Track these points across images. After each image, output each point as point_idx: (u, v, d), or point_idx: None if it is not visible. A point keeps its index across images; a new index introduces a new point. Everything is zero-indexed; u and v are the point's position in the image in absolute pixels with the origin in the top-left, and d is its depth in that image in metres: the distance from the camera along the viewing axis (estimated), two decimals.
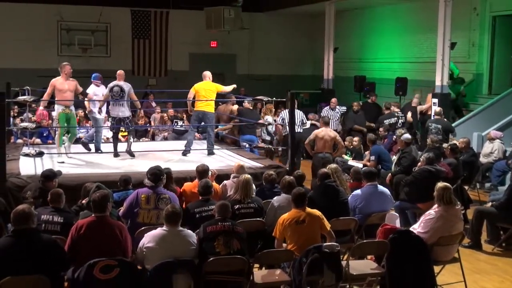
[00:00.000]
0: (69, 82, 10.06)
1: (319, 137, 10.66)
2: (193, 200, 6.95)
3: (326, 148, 10.62)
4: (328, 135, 10.71)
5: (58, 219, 5.86)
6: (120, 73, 10.56)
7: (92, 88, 10.81)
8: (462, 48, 14.75)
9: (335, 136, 10.84)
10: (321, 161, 10.40)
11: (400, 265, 5.88)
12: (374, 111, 14.95)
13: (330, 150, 10.66)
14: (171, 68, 19.98)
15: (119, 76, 10.49)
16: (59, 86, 9.92)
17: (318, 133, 10.76)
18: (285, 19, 20.83)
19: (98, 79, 10.96)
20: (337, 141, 10.78)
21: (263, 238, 6.42)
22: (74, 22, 19.01)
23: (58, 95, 9.95)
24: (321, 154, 10.56)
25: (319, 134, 10.71)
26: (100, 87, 10.84)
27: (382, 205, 7.22)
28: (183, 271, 5.15)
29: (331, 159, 10.48)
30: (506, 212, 7.95)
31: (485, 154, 11.57)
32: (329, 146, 10.66)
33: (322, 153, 10.57)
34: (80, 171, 9.14)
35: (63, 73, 10.06)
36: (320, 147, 10.63)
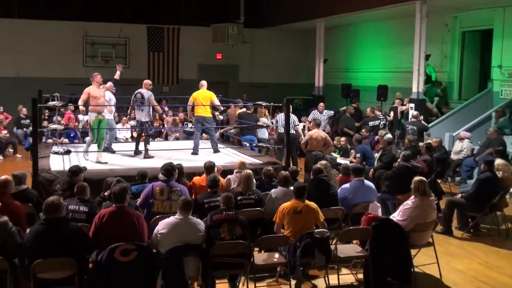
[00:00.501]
0: (100, 89, 9.98)
1: (313, 137, 10.65)
2: (201, 192, 6.96)
3: (318, 147, 10.62)
4: (320, 136, 10.70)
5: (83, 209, 5.86)
6: (144, 82, 10.47)
7: (107, 94, 10.72)
8: (435, 59, 14.72)
9: (326, 137, 10.83)
10: (313, 158, 10.39)
11: (382, 248, 5.88)
12: (357, 114, 14.99)
13: (321, 149, 10.65)
14: (182, 77, 19.94)
15: (144, 85, 10.38)
16: (93, 93, 9.80)
17: (312, 134, 10.74)
18: (282, 34, 20.79)
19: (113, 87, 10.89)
20: (327, 141, 10.77)
21: (262, 225, 6.42)
22: (97, 37, 18.98)
23: (93, 102, 9.81)
24: (314, 152, 10.55)
25: (313, 135, 10.69)
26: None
27: (367, 197, 7.20)
28: (193, 254, 5.15)
29: (322, 156, 10.49)
30: (473, 202, 7.95)
31: (456, 152, 11.58)
32: (321, 145, 10.65)
33: (315, 151, 10.56)
34: (103, 167, 9.14)
35: (95, 82, 9.95)
36: (313, 146, 10.62)
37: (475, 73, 14.93)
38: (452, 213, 8.20)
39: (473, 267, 6.81)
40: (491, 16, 13.56)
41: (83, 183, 6.29)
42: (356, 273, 6.29)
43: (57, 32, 18.33)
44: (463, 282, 6.31)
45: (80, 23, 18.51)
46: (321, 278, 6.04)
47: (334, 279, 5.86)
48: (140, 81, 10.52)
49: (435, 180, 9.29)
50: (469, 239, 7.93)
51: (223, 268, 5.42)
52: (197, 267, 5.14)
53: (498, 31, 13.29)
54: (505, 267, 6.80)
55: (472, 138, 11.70)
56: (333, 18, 16.58)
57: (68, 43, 18.58)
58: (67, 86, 16.81)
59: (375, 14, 15.27)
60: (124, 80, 12.12)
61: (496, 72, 13.44)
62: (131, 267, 4.89)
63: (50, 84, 15.14)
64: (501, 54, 13.24)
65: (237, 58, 20.74)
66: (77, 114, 14.59)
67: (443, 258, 6.77)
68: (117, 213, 5.23)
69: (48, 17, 17.95)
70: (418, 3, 12.70)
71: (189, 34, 19.68)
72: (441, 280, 6.31)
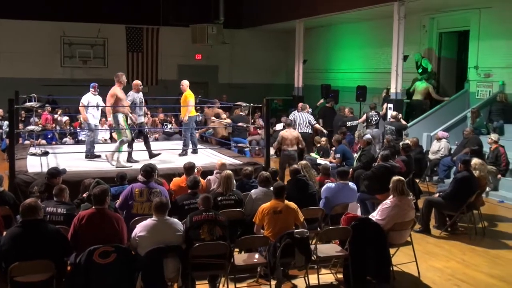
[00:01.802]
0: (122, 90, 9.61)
1: (284, 136, 10.75)
2: (180, 193, 6.93)
3: (290, 146, 10.71)
4: (292, 135, 10.80)
5: (61, 211, 5.81)
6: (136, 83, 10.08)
7: (87, 96, 10.30)
8: (413, 60, 14.87)
9: (298, 136, 10.95)
10: (286, 157, 10.59)
11: (361, 248, 5.93)
12: (332, 114, 15.11)
13: (294, 148, 10.75)
14: (162, 78, 19.85)
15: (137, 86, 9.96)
16: (120, 95, 9.42)
17: (283, 133, 10.85)
18: (262, 34, 20.82)
19: (92, 88, 10.43)
20: (299, 140, 10.88)
21: (243, 226, 6.42)
22: (75, 37, 18.77)
23: (119, 103, 9.40)
24: (286, 152, 10.65)
25: (284, 134, 10.79)
26: (95, 96, 10.36)
27: (349, 198, 7.25)
28: (172, 255, 5.13)
29: (295, 155, 10.65)
30: (451, 201, 8.05)
31: (433, 152, 11.71)
32: (293, 144, 10.75)
33: (287, 150, 10.65)
34: (82, 169, 9.05)
35: (121, 83, 9.50)
36: (286, 145, 10.71)
37: (452, 74, 15.12)
38: (430, 212, 8.29)
39: (450, 265, 6.89)
40: (467, 18, 13.76)
41: (62, 185, 6.23)
42: (335, 273, 6.32)
43: (34, 32, 18.09)
44: (441, 280, 6.39)
45: (58, 23, 18.29)
46: (301, 278, 6.06)
47: (314, 278, 5.89)
48: None
49: (413, 180, 9.38)
50: (446, 238, 8.03)
51: (203, 269, 5.40)
52: (177, 268, 5.13)
53: (474, 32, 13.49)
54: (481, 265, 6.90)
55: (449, 138, 11.85)
56: (312, 19, 16.66)
57: (45, 43, 18.36)
58: (45, 87, 16.65)
59: (353, 15, 15.38)
60: (102, 80, 12.00)
61: (472, 73, 13.63)
62: (110, 269, 4.85)
63: (27, 85, 14.96)
64: (477, 55, 13.44)
65: (217, 59, 20.72)
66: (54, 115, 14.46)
67: (421, 257, 6.84)
68: (97, 215, 5.19)
69: (24, 16, 17.69)
70: (395, 4, 12.83)
71: (168, 34, 19.59)
72: (419, 278, 6.38)
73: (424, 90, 14.26)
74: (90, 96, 10.34)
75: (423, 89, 14.26)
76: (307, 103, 16.81)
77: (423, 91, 14.28)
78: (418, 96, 14.34)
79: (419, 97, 14.32)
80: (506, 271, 6.71)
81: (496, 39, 12.87)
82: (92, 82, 10.75)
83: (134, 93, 9.88)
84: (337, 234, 6.19)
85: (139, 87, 10.02)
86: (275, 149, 10.70)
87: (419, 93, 14.33)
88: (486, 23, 13.13)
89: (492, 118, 12.32)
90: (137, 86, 9.96)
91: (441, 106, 13.70)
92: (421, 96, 14.30)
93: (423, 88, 14.26)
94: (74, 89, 17.56)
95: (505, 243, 7.82)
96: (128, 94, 9.83)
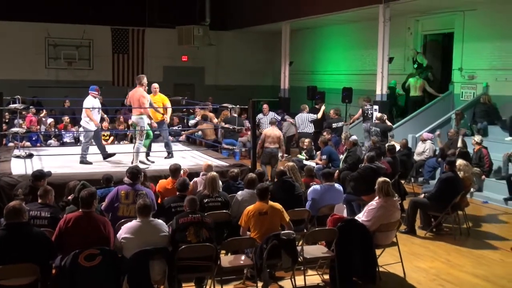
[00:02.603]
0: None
1: (266, 135, 11.03)
2: (167, 195, 6.91)
3: (272, 144, 10.93)
4: (274, 133, 11.06)
5: (45, 214, 5.74)
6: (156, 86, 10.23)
7: (91, 100, 9.83)
8: (398, 62, 14.97)
9: (280, 136, 11.21)
10: (267, 154, 10.89)
11: (347, 249, 5.95)
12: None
13: (276, 145, 10.97)
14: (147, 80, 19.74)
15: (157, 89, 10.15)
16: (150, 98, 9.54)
17: (266, 132, 11.17)
18: (248, 36, 20.85)
19: (95, 91, 9.91)
20: (280, 140, 11.16)
21: (229, 227, 6.41)
22: (60, 39, 18.66)
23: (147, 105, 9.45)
24: (268, 149, 10.88)
25: (267, 132, 11.12)
26: (96, 99, 9.95)
27: (335, 200, 7.28)
28: (158, 258, 5.12)
29: (277, 152, 10.95)
30: (436, 202, 8.11)
31: (418, 153, 11.81)
32: (275, 142, 10.97)
33: (269, 148, 10.79)
34: (67, 171, 8.97)
35: (142, 85, 9.47)
36: (268, 143, 10.94)
37: (437, 75, 15.25)
38: (415, 213, 8.34)
39: (435, 265, 6.94)
40: (452, 20, 13.89)
41: (47, 186, 6.17)
42: (322, 274, 6.34)
43: (18, 33, 17.94)
44: (426, 281, 6.43)
45: (42, 24, 18.16)
46: (288, 280, 6.07)
47: (300, 280, 5.90)
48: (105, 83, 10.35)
49: (399, 181, 9.45)
50: (431, 238, 8.08)
51: (190, 271, 5.39)
52: (163, 270, 5.11)
53: (459, 34, 13.63)
54: (466, 265, 6.96)
55: (434, 139, 11.95)
56: (298, 21, 16.72)
57: (29, 44, 18.22)
58: (29, 88, 16.50)
59: (339, 17, 15.46)
60: (87, 82, 11.92)
61: (456, 74, 13.77)
62: (96, 272, 4.82)
63: (11, 86, 14.81)
64: (461, 57, 13.58)
65: (203, 60, 20.70)
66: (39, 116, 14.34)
67: (407, 257, 6.88)
68: (84, 218, 5.14)
69: (8, 17, 17.55)
70: (381, 7, 12.92)
71: (154, 36, 19.54)
72: (405, 279, 6.42)
73: (421, 86, 14.32)
74: (92, 100, 9.85)
75: (420, 85, 14.29)
76: (293, 104, 16.98)
77: (420, 86, 14.30)
78: (417, 92, 14.35)
79: (418, 93, 14.32)
80: (490, 271, 6.77)
81: (480, 41, 13.02)
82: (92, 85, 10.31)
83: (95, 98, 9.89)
84: (323, 236, 6.20)
85: (156, 89, 10.22)
86: (259, 147, 10.81)
87: (418, 89, 14.33)
88: (470, 26, 13.28)
89: (476, 120, 12.44)
90: (154, 88, 10.17)
91: (426, 108, 13.81)
92: (419, 92, 14.32)
93: (420, 84, 14.30)
94: (59, 90, 17.50)
95: (489, 243, 7.90)
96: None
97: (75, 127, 14.91)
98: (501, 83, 12.58)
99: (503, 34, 12.46)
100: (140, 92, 9.43)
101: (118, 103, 17.61)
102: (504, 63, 12.52)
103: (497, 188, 10.35)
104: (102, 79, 18.73)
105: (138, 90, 9.47)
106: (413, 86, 14.34)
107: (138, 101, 9.40)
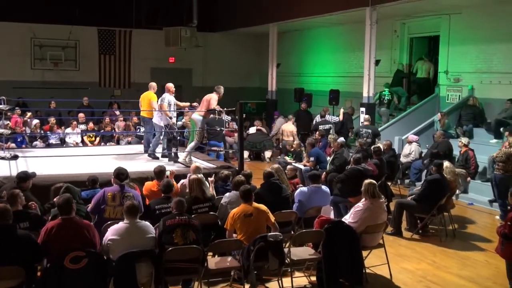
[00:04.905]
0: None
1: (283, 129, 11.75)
2: (153, 198, 6.87)
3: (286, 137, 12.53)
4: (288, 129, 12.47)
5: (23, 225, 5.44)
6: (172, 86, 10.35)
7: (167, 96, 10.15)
8: (385, 65, 15.05)
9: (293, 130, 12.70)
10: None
11: (334, 250, 5.97)
12: (307, 116, 15.37)
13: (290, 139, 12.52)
14: (134, 81, 19.67)
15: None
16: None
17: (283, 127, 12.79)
18: (235, 38, 20.85)
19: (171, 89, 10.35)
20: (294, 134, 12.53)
21: (216, 229, 6.40)
22: (46, 39, 18.50)
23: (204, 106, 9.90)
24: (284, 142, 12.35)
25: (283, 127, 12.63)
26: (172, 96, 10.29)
27: (322, 202, 7.27)
28: (145, 260, 5.09)
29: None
30: (422, 203, 8.16)
31: (405, 155, 11.88)
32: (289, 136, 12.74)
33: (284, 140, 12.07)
34: (52, 173, 8.89)
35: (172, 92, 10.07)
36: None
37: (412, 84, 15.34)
38: (401, 215, 8.39)
39: (422, 267, 6.99)
40: (438, 23, 14.00)
41: (15, 190, 5.90)
42: (309, 276, 6.35)
43: (3, 33, 17.74)
44: (412, 282, 6.47)
45: (28, 25, 17.99)
46: (275, 281, 6.07)
47: (287, 282, 5.90)
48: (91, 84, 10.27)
49: (386, 183, 9.50)
50: (418, 240, 8.14)
51: (177, 273, 5.37)
52: (150, 272, 5.09)
53: (444, 37, 13.74)
54: (452, 267, 7.01)
55: (420, 141, 12.03)
56: (285, 23, 16.75)
57: (15, 45, 18.03)
58: (14, 90, 16.33)
59: (326, 19, 15.51)
60: (74, 83, 11.84)
61: (442, 77, 13.87)
62: (81, 275, 4.79)
63: None
64: (447, 60, 13.69)
65: (190, 62, 20.66)
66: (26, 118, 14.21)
67: (393, 259, 6.92)
68: (65, 225, 5.02)
69: None
70: (367, 9, 12.98)
71: (141, 37, 19.46)
72: (391, 280, 6.46)
73: (428, 69, 14.48)
74: (169, 97, 10.19)
75: (427, 68, 14.47)
76: (280, 106, 17.06)
77: (427, 69, 14.49)
78: (423, 74, 14.54)
79: (425, 75, 14.52)
80: (476, 272, 6.83)
81: (465, 45, 13.13)
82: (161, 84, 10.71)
83: (170, 96, 10.11)
84: (310, 237, 6.22)
85: (173, 89, 10.34)
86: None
87: (425, 71, 14.53)
88: (455, 29, 13.39)
89: (462, 122, 12.53)
90: (172, 89, 10.28)
91: (412, 110, 13.90)
92: (426, 74, 14.51)
93: (428, 67, 14.47)
94: (44, 91, 17.36)
95: (475, 245, 7.97)
96: (163, 97, 10.07)
97: (61, 128, 14.82)
98: (485, 85, 12.70)
99: (487, 37, 12.58)
100: (213, 97, 9.83)
101: (104, 105, 17.56)
102: (489, 66, 12.65)
103: (482, 190, 10.45)
104: (88, 80, 18.66)
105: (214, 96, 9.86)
106: (420, 68, 14.51)
107: (208, 102, 9.77)
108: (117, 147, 13.38)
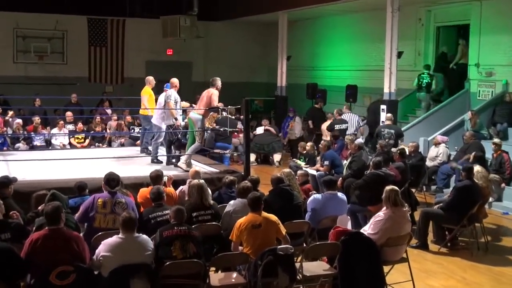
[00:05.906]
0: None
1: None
2: (147, 206, 6.87)
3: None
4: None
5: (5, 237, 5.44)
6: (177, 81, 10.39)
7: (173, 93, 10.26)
8: (408, 57, 15.00)
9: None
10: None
11: (352, 265, 5.93)
12: (321, 116, 15.35)
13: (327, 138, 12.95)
14: (128, 75, 19.73)
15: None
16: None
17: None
18: (240, 28, 20.87)
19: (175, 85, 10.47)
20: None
21: (219, 241, 6.38)
22: (30, 30, 18.61)
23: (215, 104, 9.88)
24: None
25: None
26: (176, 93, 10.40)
27: (339, 210, 7.23)
28: (141, 275, 5.08)
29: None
30: (450, 213, 8.11)
31: (431, 158, 11.82)
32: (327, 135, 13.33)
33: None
34: (37, 178, 8.91)
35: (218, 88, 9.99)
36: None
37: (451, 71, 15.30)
38: (427, 226, 8.35)
39: (450, 284, 6.96)
40: (468, 11, 13.95)
41: None
42: None
43: None
44: None
45: (10, 14, 18.06)
46: None
47: None
48: (80, 79, 10.28)
49: (409, 189, 9.45)
50: (446, 254, 8.10)
51: None
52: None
53: (475, 26, 13.67)
54: (484, 284, 6.97)
55: (448, 143, 11.96)
56: (296, 11, 16.73)
57: None
58: None
59: (343, 6, 15.49)
60: (61, 78, 11.88)
61: (473, 71, 13.81)
62: None
63: None
64: (478, 52, 13.62)
65: (190, 54, 20.70)
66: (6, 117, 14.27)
67: (418, 275, 6.88)
68: (52, 237, 5.01)
69: None
70: None
71: (135, 27, 19.51)
72: None
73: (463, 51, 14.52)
74: (175, 93, 10.27)
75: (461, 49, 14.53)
76: (291, 103, 17.03)
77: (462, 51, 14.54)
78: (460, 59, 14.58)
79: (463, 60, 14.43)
80: None
81: (499, 34, 13.07)
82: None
83: (175, 92, 10.18)
84: (325, 251, 6.19)
85: (178, 84, 10.42)
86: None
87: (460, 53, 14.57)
88: (488, 17, 13.33)
89: (496, 120, 12.45)
90: (177, 84, 10.35)
91: (438, 108, 13.84)
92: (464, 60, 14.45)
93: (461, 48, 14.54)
94: (28, 88, 17.41)
95: (510, 260, 7.93)
96: (168, 94, 10.11)
97: (47, 128, 14.87)
98: None
99: None
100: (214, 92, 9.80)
101: (95, 102, 17.61)
102: None
103: None
104: (77, 75, 18.70)
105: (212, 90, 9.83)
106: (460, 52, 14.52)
107: (209, 99, 9.74)
108: (109, 149, 13.43)
